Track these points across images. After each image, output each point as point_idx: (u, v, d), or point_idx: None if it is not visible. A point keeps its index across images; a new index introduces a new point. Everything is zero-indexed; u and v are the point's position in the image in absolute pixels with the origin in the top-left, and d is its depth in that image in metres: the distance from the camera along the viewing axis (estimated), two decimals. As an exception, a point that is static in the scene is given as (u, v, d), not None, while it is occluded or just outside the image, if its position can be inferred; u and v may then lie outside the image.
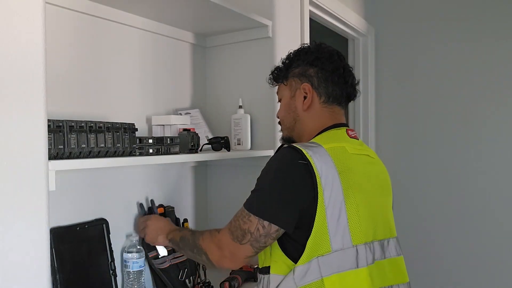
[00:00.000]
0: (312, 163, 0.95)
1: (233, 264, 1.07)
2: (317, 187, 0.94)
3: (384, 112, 2.83)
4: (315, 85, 1.13)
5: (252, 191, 1.05)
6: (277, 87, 1.25)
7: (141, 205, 1.45)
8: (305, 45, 1.22)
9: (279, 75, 1.21)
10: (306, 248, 0.95)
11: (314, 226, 0.95)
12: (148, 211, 1.47)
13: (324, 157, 0.98)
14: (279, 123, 1.25)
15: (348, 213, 0.96)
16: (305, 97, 1.14)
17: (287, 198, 0.98)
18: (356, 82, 1.19)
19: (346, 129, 1.13)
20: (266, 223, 0.97)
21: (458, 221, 2.57)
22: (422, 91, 2.68)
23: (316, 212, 0.94)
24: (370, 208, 1.03)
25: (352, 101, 1.23)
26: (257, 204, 1.01)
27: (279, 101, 1.24)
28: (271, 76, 1.25)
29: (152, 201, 1.48)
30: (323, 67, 1.13)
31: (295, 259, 0.98)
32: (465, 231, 2.54)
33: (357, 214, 0.98)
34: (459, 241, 2.56)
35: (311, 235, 0.95)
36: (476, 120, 2.52)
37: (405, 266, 1.12)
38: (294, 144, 1.02)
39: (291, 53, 1.21)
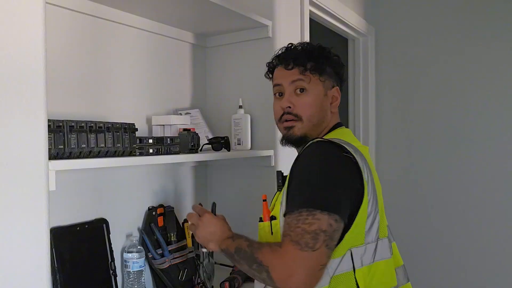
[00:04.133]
0: (354, 157, 0.96)
1: (306, 282, 0.85)
2: (363, 180, 0.95)
3: (384, 112, 2.83)
4: (339, 89, 1.17)
5: (298, 190, 0.94)
6: (294, 74, 1.10)
7: (213, 204, 1.26)
8: (320, 44, 1.16)
9: (318, 66, 1.10)
10: (343, 240, 0.93)
11: (356, 219, 0.93)
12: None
13: (358, 152, 1.00)
14: (297, 116, 1.10)
15: (379, 208, 1.00)
16: (332, 99, 1.15)
17: (343, 190, 0.92)
18: None
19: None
20: (337, 216, 0.88)
21: (459, 220, 2.57)
22: (423, 91, 2.68)
23: (361, 205, 0.94)
24: (382, 204, 1.07)
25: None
26: (319, 199, 0.90)
27: (301, 91, 1.10)
28: (308, 61, 1.09)
29: (214, 204, 1.26)
30: (342, 71, 1.18)
31: None
32: (466, 231, 2.54)
33: (382, 209, 1.03)
34: (460, 241, 2.56)
35: (350, 228, 0.93)
36: (477, 119, 2.51)
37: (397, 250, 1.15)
38: (328, 139, 1.01)
39: (317, 46, 1.14)
